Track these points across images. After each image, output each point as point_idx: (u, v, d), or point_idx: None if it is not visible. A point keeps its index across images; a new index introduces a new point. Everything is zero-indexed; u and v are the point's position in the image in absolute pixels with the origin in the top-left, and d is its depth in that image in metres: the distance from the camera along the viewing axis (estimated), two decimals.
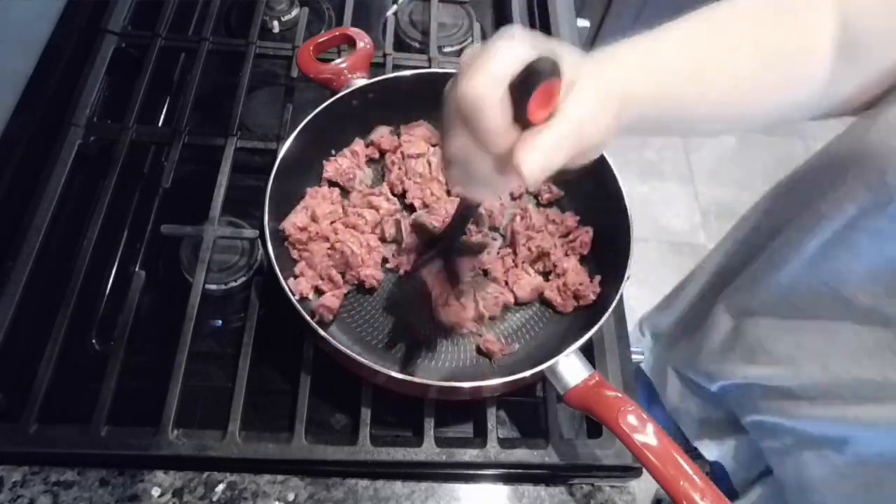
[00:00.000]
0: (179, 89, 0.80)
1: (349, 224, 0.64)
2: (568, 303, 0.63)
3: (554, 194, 0.70)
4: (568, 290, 0.63)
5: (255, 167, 0.70)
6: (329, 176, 0.68)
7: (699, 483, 0.45)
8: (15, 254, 0.59)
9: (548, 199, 0.70)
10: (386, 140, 0.70)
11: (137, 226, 0.69)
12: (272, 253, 0.56)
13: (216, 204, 0.65)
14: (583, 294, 0.63)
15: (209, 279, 0.61)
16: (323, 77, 0.69)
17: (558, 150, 0.35)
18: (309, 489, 0.53)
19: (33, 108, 0.68)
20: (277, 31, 0.87)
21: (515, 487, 0.56)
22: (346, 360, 0.53)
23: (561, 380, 0.53)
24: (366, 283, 0.62)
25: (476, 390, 0.56)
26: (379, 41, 0.80)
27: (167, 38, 0.77)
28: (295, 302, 0.55)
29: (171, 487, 0.52)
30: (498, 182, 0.38)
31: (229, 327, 0.65)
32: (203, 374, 0.61)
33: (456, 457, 0.54)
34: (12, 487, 0.51)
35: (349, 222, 0.64)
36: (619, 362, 0.61)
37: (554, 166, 0.35)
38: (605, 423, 0.50)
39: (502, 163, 0.36)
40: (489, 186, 0.40)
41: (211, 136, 0.70)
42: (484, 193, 0.41)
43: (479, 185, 0.40)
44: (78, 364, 0.59)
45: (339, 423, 0.60)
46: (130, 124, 0.69)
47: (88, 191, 0.67)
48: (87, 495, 0.51)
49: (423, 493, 0.54)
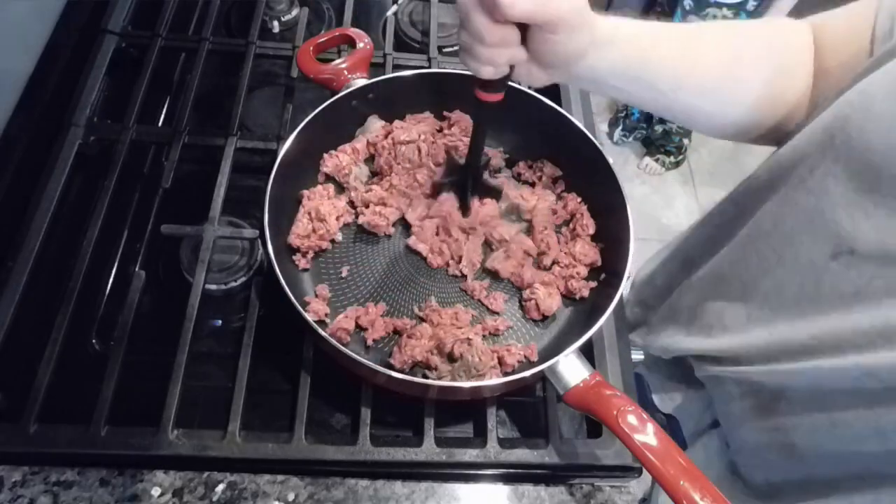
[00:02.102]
0: (179, 89, 0.80)
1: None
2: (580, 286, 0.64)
3: (549, 173, 0.71)
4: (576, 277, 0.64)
5: (255, 167, 0.71)
6: (328, 171, 0.68)
7: (699, 483, 0.45)
8: (15, 254, 0.59)
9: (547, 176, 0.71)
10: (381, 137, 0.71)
11: (137, 226, 0.69)
12: (272, 253, 0.56)
13: (216, 204, 0.65)
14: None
15: (209, 279, 0.61)
16: (323, 77, 0.69)
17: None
18: (309, 489, 0.53)
19: (33, 108, 0.68)
20: (277, 31, 0.87)
21: (515, 487, 0.56)
22: (346, 360, 0.53)
23: (561, 380, 0.53)
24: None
25: (476, 390, 0.56)
26: (379, 41, 0.80)
27: (167, 38, 0.77)
28: (295, 302, 0.55)
29: (171, 487, 0.52)
30: (491, 39, 0.45)
31: (229, 327, 0.65)
32: (203, 374, 0.61)
33: (456, 457, 0.54)
34: (12, 487, 0.51)
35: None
36: (619, 362, 0.62)
37: (525, 5, 0.42)
38: (605, 423, 0.50)
39: (492, 13, 0.43)
40: (486, 48, 0.46)
41: (211, 136, 0.71)
42: (484, 66, 0.47)
43: (479, 49, 0.46)
44: (78, 364, 0.59)
45: (339, 423, 0.60)
46: (130, 124, 0.69)
47: (88, 191, 0.67)
48: (87, 495, 0.51)
49: (423, 493, 0.54)
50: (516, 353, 0.59)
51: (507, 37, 0.45)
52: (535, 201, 0.68)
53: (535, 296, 0.63)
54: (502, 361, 0.59)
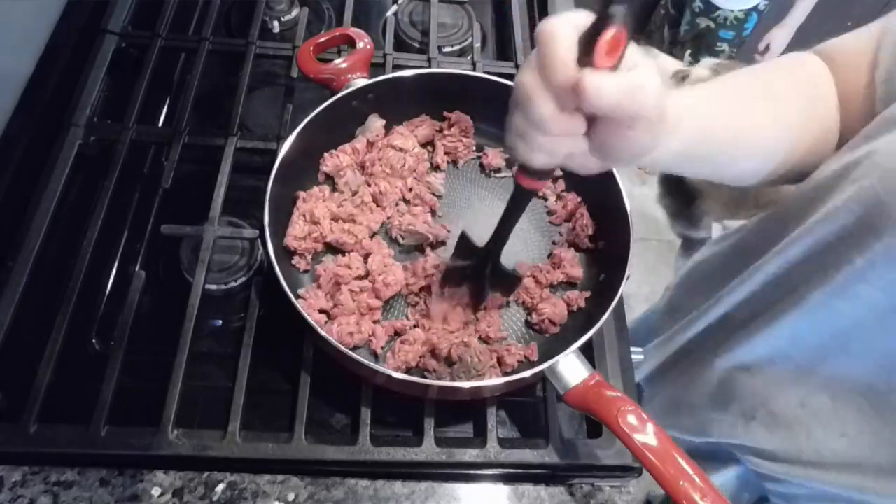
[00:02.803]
0: (179, 89, 0.80)
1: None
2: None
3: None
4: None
5: (255, 167, 0.70)
6: (328, 170, 0.68)
7: (699, 483, 0.45)
8: (15, 254, 0.59)
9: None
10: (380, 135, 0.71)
11: (137, 226, 0.69)
12: (272, 253, 0.56)
13: (216, 204, 0.65)
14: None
15: (209, 279, 0.61)
16: (323, 77, 0.69)
17: (620, 86, 0.35)
18: (309, 489, 0.53)
19: (33, 108, 0.68)
20: (277, 31, 0.87)
21: (515, 487, 0.56)
22: (346, 360, 0.53)
23: (561, 380, 0.53)
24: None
25: (476, 390, 0.56)
26: (379, 41, 0.80)
27: (167, 38, 0.77)
28: (295, 302, 0.55)
29: (171, 487, 0.52)
30: (556, 128, 0.39)
31: (229, 327, 0.65)
32: (203, 374, 0.61)
33: (456, 457, 0.54)
34: (12, 487, 0.51)
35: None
36: (619, 362, 0.62)
37: (613, 97, 0.35)
38: (605, 423, 0.50)
39: (563, 100, 0.37)
40: (546, 136, 0.40)
41: (211, 136, 0.70)
42: (538, 154, 0.41)
43: (536, 138, 0.40)
44: (78, 364, 0.59)
45: (339, 423, 0.60)
46: (130, 124, 0.69)
47: (88, 191, 0.67)
48: (87, 495, 0.51)
49: (423, 493, 0.54)
50: (516, 353, 0.59)
51: (575, 128, 0.39)
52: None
53: (544, 313, 0.62)
54: (502, 361, 0.59)
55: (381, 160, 0.68)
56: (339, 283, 0.60)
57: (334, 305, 0.60)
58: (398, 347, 0.58)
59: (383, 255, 0.63)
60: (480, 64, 0.79)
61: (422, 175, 0.69)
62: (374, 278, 0.61)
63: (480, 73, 0.74)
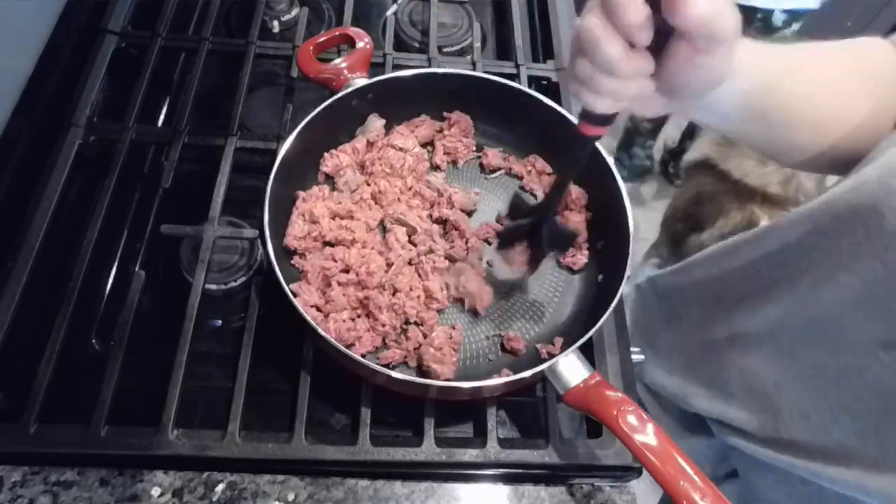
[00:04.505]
0: (179, 89, 0.80)
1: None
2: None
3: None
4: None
5: (255, 167, 0.70)
6: (328, 170, 0.68)
7: (699, 483, 0.45)
8: (15, 254, 0.59)
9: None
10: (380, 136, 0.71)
11: (137, 226, 0.69)
12: (272, 253, 0.56)
13: (216, 204, 0.65)
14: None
15: (209, 279, 0.61)
16: (323, 77, 0.69)
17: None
18: (309, 489, 0.53)
19: (33, 108, 0.68)
20: (277, 31, 0.87)
21: (515, 487, 0.56)
22: (346, 360, 0.53)
23: (561, 380, 0.53)
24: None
25: (476, 390, 0.56)
26: (379, 41, 0.80)
27: (167, 38, 0.77)
28: (295, 302, 0.55)
29: (171, 487, 0.52)
30: (625, 69, 0.38)
31: (229, 327, 0.65)
32: (203, 374, 0.61)
33: (456, 457, 0.54)
34: (12, 487, 0.51)
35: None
36: (619, 362, 0.62)
37: (704, 7, 0.34)
38: (605, 423, 0.50)
39: (634, 38, 0.37)
40: (613, 79, 0.39)
41: (211, 136, 0.70)
42: (604, 99, 0.41)
43: (603, 82, 0.39)
44: (78, 364, 0.59)
45: (339, 423, 0.60)
46: (130, 124, 0.69)
47: (88, 191, 0.67)
48: (87, 495, 0.51)
49: (423, 493, 0.54)
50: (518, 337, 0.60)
51: (643, 67, 0.38)
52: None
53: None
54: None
55: (380, 160, 0.68)
56: (328, 276, 0.60)
57: (326, 301, 0.60)
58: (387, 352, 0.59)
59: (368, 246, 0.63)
60: (480, 64, 0.79)
61: (422, 175, 0.69)
62: (357, 270, 0.61)
63: (480, 72, 0.74)
